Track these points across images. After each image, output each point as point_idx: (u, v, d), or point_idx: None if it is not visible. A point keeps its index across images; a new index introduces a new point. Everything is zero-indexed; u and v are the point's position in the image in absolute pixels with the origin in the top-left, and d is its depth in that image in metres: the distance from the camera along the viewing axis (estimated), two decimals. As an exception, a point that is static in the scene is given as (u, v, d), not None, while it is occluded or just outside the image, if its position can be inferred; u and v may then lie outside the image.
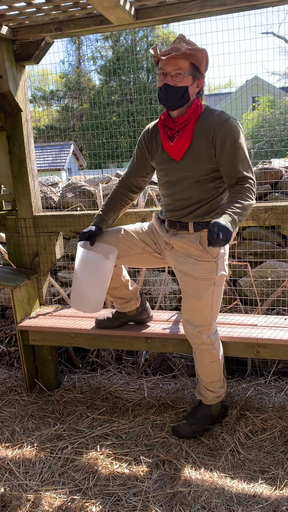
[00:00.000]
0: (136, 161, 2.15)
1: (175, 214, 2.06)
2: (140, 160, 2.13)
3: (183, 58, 1.80)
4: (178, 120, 1.92)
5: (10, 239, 2.78)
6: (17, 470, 2.03)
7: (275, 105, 11.98)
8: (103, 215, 2.19)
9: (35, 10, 2.21)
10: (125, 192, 2.21)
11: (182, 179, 1.98)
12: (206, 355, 2.10)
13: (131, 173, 2.18)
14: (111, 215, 2.21)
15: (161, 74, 1.85)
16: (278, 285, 2.77)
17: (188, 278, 2.04)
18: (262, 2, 2.07)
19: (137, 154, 2.14)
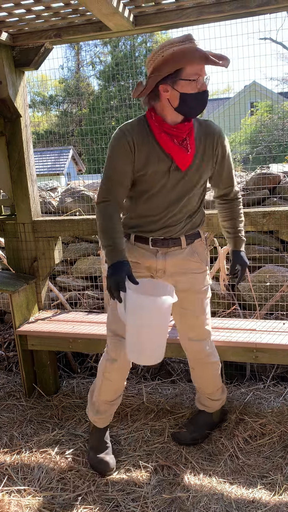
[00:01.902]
0: (121, 174, 1.80)
1: (168, 231, 1.88)
2: (127, 171, 1.80)
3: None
4: (184, 127, 1.76)
5: (9, 244, 2.78)
6: (16, 475, 2.03)
7: (274, 111, 12.03)
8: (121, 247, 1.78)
9: (35, 17, 2.23)
10: (119, 215, 1.85)
11: (183, 190, 1.84)
12: (209, 367, 2.10)
13: (119, 190, 1.82)
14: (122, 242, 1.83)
15: (198, 81, 1.68)
16: (277, 290, 2.77)
17: (187, 294, 1.97)
18: (259, 9, 2.09)
19: (122, 165, 1.78)
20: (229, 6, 2.11)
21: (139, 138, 1.77)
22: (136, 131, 1.78)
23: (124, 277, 1.69)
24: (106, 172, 1.82)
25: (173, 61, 1.64)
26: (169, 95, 1.71)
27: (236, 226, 2.04)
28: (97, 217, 1.83)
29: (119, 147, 1.78)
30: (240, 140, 11.30)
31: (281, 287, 2.75)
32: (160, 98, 1.74)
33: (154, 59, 1.69)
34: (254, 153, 7.97)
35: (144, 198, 1.85)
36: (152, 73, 1.70)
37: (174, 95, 1.69)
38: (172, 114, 1.75)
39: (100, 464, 2.01)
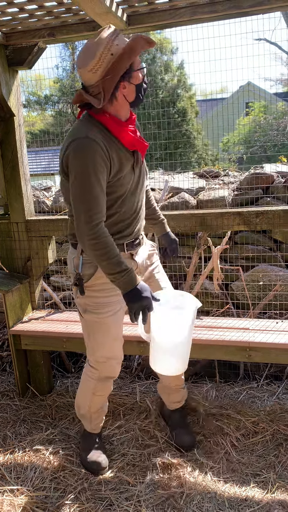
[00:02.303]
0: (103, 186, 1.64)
1: (138, 231, 1.89)
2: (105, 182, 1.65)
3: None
4: (133, 120, 1.75)
5: (2, 243, 2.77)
6: (9, 475, 2.02)
7: (268, 111, 12.07)
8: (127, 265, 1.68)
9: (28, 16, 2.23)
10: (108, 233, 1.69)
11: (142, 185, 1.85)
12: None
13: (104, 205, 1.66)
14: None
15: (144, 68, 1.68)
16: (270, 289, 2.78)
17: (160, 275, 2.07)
18: (252, 10, 2.10)
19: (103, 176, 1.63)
20: (222, 6, 2.11)
21: (106, 141, 1.64)
22: (100, 136, 1.64)
23: (150, 298, 1.65)
24: (87, 190, 1.59)
25: (128, 55, 1.58)
26: (127, 91, 1.65)
27: (157, 211, 2.13)
28: (95, 245, 1.61)
29: (95, 156, 1.58)
30: (235, 140, 11.33)
31: (274, 286, 2.76)
32: (116, 98, 1.65)
33: (102, 61, 1.56)
34: (249, 153, 7.99)
35: (119, 204, 1.75)
36: (105, 76, 1.58)
37: (131, 89, 1.66)
38: (126, 110, 1.72)
39: (93, 464, 2.01)
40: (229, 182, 3.31)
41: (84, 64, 1.59)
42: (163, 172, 4.17)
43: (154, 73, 13.55)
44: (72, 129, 1.68)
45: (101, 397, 2.03)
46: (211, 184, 3.33)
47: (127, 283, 1.64)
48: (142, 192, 1.87)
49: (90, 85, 1.63)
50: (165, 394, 2.21)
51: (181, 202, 3.03)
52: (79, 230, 1.63)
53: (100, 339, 1.90)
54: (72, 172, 1.61)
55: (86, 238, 1.61)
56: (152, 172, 4.31)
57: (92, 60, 1.57)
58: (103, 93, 1.60)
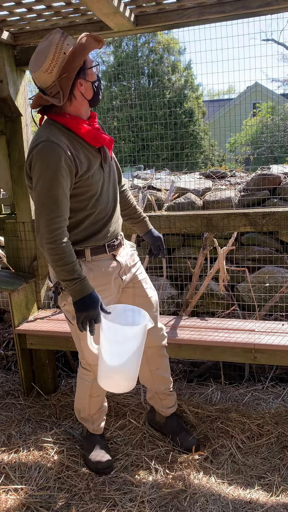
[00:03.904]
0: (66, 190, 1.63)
1: (115, 230, 1.87)
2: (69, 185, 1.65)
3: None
4: (94, 116, 1.79)
5: (9, 242, 2.78)
6: (13, 474, 2.03)
7: (276, 112, 12.02)
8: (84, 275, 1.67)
9: (36, 16, 2.23)
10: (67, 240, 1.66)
11: (114, 183, 1.86)
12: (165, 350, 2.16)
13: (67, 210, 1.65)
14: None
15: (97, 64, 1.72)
16: (276, 290, 2.77)
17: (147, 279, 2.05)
18: (260, 10, 2.09)
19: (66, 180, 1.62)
20: (231, 7, 2.10)
21: (70, 143, 1.65)
22: (64, 138, 1.64)
23: (99, 310, 1.64)
24: (48, 194, 1.58)
25: (80, 52, 1.61)
26: (84, 88, 1.69)
27: (137, 210, 2.12)
28: (52, 250, 1.60)
29: (56, 160, 1.58)
30: (242, 141, 11.29)
31: (280, 288, 2.75)
32: (75, 97, 1.68)
33: (55, 61, 1.59)
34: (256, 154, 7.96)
35: (93, 203, 1.75)
36: (61, 75, 1.61)
37: (88, 87, 1.70)
38: (86, 108, 1.74)
39: (97, 464, 2.01)
40: (235, 183, 3.30)
41: (38, 66, 1.63)
42: (170, 172, 4.17)
43: (161, 73, 13.54)
44: (35, 135, 1.69)
45: (98, 397, 2.04)
46: (218, 184, 3.32)
47: (78, 292, 1.63)
48: (115, 190, 1.87)
49: (47, 86, 1.65)
50: (158, 401, 2.18)
51: (187, 203, 3.03)
52: (38, 233, 1.62)
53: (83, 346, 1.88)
54: (35, 176, 1.61)
55: (45, 242, 1.61)
56: (159, 172, 4.31)
57: (46, 61, 1.60)
58: (61, 92, 1.63)
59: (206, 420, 2.33)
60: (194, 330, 2.38)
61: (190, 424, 2.30)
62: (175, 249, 3.06)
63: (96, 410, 2.07)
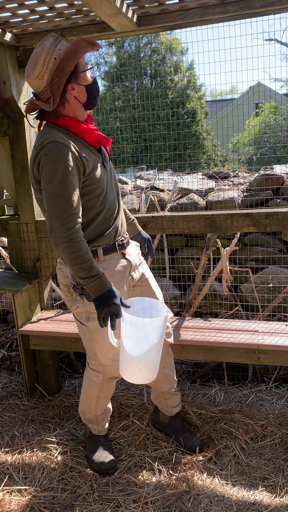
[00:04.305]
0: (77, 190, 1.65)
1: (122, 229, 1.91)
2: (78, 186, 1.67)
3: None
4: (91, 118, 1.81)
5: (12, 243, 2.79)
6: (17, 475, 2.03)
7: (278, 112, 12.00)
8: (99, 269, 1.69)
9: (39, 17, 2.24)
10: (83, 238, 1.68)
11: (115, 182, 1.90)
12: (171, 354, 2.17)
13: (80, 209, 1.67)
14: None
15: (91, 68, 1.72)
16: (280, 291, 2.76)
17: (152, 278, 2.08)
18: (263, 10, 2.09)
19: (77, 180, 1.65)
20: (233, 7, 2.10)
21: (75, 145, 1.68)
22: (67, 138, 1.67)
23: (119, 305, 1.66)
24: (60, 194, 1.60)
25: (71, 57, 1.63)
26: (77, 93, 1.70)
27: (127, 213, 2.12)
28: (69, 249, 1.62)
29: (65, 160, 1.60)
30: (245, 141, 11.28)
31: (284, 288, 2.74)
32: (68, 101, 1.71)
33: (46, 66, 1.62)
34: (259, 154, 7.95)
35: (101, 201, 1.77)
36: (51, 80, 1.63)
37: (81, 90, 1.71)
38: (81, 111, 1.76)
39: (100, 465, 2.01)
40: (238, 183, 3.30)
41: (30, 73, 1.66)
42: (172, 173, 4.16)
43: (163, 73, 13.54)
44: (37, 139, 1.70)
45: (105, 399, 2.05)
46: (221, 185, 3.32)
47: (98, 288, 1.65)
48: (117, 187, 1.92)
49: (40, 92, 1.69)
50: (163, 400, 2.18)
51: (190, 203, 3.02)
52: (53, 233, 1.64)
53: (106, 345, 1.86)
54: (45, 177, 1.63)
55: (60, 241, 1.62)
56: (161, 172, 4.30)
57: (37, 67, 1.63)
58: (52, 97, 1.65)
59: (209, 421, 2.32)
60: (197, 331, 2.38)
61: (194, 425, 2.30)
62: (178, 250, 3.06)
63: (102, 411, 2.07)
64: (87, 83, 1.72)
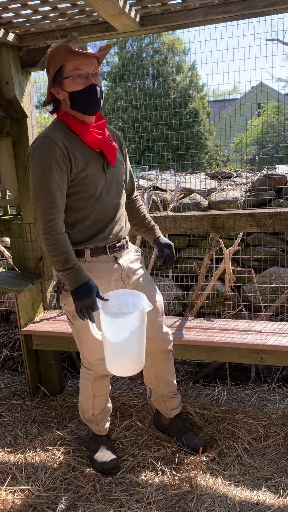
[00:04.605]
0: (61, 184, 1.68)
1: (117, 233, 1.87)
2: (64, 180, 1.69)
3: (95, 58, 1.69)
4: (102, 124, 1.80)
5: (15, 243, 2.79)
6: (19, 475, 2.03)
7: (281, 112, 11.99)
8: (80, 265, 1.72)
9: (41, 18, 2.24)
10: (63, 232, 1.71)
11: (118, 188, 1.86)
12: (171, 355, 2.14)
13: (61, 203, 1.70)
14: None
15: (77, 76, 1.66)
16: (283, 291, 2.76)
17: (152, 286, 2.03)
18: (266, 10, 2.08)
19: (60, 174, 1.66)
20: (236, 7, 2.10)
21: (67, 141, 1.69)
22: (62, 135, 1.69)
23: (95, 298, 1.66)
24: (43, 186, 1.64)
25: (52, 59, 1.67)
26: (62, 97, 1.71)
27: (147, 218, 2.11)
28: (47, 240, 1.66)
29: (50, 155, 1.64)
30: (247, 141, 11.27)
31: (286, 288, 2.73)
32: (60, 102, 1.74)
33: (47, 66, 1.71)
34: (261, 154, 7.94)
35: (93, 203, 1.77)
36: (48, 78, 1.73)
37: (66, 96, 1.71)
38: (77, 114, 1.75)
39: (103, 465, 2.01)
40: (241, 183, 3.29)
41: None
42: (175, 173, 4.16)
43: (165, 74, 13.54)
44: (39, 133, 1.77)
45: (101, 397, 2.04)
46: (223, 185, 3.31)
47: (74, 281, 1.67)
48: (119, 195, 1.88)
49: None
50: (162, 403, 2.17)
51: (193, 203, 3.02)
52: (36, 225, 1.70)
53: (90, 343, 1.89)
54: (31, 171, 1.69)
55: (41, 233, 1.67)
56: (164, 173, 4.30)
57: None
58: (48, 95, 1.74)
59: (212, 421, 2.32)
60: (200, 331, 2.38)
61: (197, 425, 2.29)
62: (181, 250, 3.06)
63: (99, 410, 2.07)
64: (72, 90, 1.68)
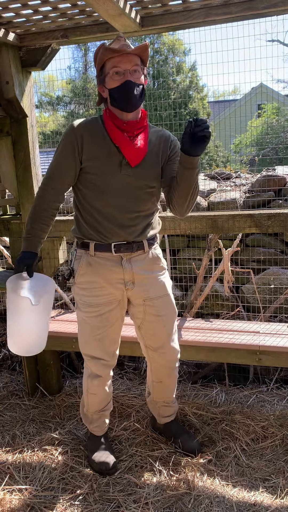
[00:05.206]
0: (65, 163, 1.79)
1: (129, 233, 1.82)
2: (71, 162, 1.79)
3: (136, 54, 1.71)
4: (137, 124, 1.77)
5: (14, 243, 2.79)
6: (17, 474, 2.03)
7: (281, 113, 12.00)
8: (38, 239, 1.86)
9: (42, 18, 2.24)
10: (53, 204, 1.85)
11: (137, 188, 1.80)
12: (176, 372, 2.12)
13: (60, 181, 1.82)
14: (44, 235, 1.88)
15: (115, 74, 1.69)
16: (281, 292, 2.76)
17: (160, 300, 1.94)
18: (267, 11, 2.08)
19: (67, 155, 1.78)
20: (237, 8, 2.10)
21: (90, 130, 1.78)
22: (87, 125, 1.79)
23: (18, 267, 1.83)
24: (51, 162, 1.84)
25: (96, 59, 1.76)
26: (105, 95, 1.77)
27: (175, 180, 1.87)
28: (35, 199, 1.88)
29: (66, 139, 1.79)
30: (247, 142, 11.28)
31: (285, 289, 2.74)
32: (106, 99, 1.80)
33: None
34: (261, 155, 7.95)
35: (100, 196, 1.79)
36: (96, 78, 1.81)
37: (107, 93, 1.76)
38: (116, 110, 1.77)
39: (101, 465, 2.01)
40: (240, 184, 3.30)
41: None
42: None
43: (166, 74, 13.54)
44: None
45: (94, 396, 2.02)
46: (223, 186, 3.32)
47: (24, 244, 1.86)
48: (138, 197, 1.81)
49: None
50: (156, 407, 2.18)
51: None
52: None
53: (84, 337, 1.95)
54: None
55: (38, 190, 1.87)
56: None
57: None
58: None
59: (210, 422, 2.32)
60: (198, 332, 2.38)
61: (194, 427, 2.30)
62: (180, 250, 3.06)
63: (94, 410, 2.06)
64: (110, 87, 1.73)
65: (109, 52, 1.68)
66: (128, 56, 1.69)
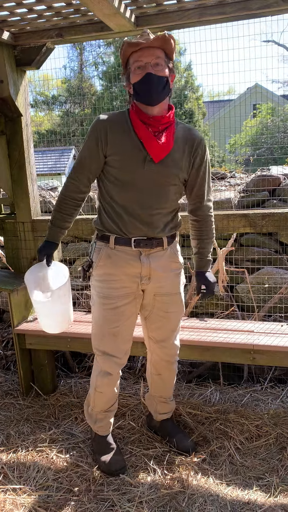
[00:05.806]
0: (90, 158, 1.82)
1: (150, 229, 1.82)
2: (95, 155, 1.81)
3: (158, 47, 1.69)
4: (162, 119, 1.75)
5: (8, 242, 2.78)
6: (11, 474, 2.03)
7: (276, 113, 12.04)
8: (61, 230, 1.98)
9: (37, 16, 2.24)
10: (75, 195, 1.91)
11: (160, 184, 1.79)
12: (175, 366, 2.13)
13: (85, 173, 1.86)
14: (66, 225, 1.97)
15: (137, 68, 1.70)
16: (275, 291, 2.77)
17: (171, 297, 1.95)
18: (262, 11, 2.09)
19: (91, 147, 1.80)
20: (231, 8, 2.11)
21: (115, 124, 1.78)
22: (113, 118, 1.80)
23: (41, 256, 2.01)
24: (79, 154, 1.87)
25: (121, 57, 1.76)
26: (130, 90, 1.77)
27: (201, 247, 2.01)
28: (60, 193, 1.94)
29: (91, 132, 1.81)
30: (242, 142, 11.31)
31: (279, 289, 2.75)
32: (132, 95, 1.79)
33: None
34: (256, 155, 7.97)
35: (122, 190, 1.79)
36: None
37: (131, 88, 1.76)
38: (141, 105, 1.77)
39: (109, 466, 2.00)
40: (235, 184, 3.31)
41: None
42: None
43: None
44: None
45: (101, 395, 2.01)
46: (217, 185, 3.32)
47: (48, 234, 1.99)
48: (161, 194, 1.81)
49: None
50: (153, 403, 2.19)
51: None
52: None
53: (100, 332, 1.94)
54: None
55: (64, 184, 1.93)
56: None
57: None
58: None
59: (205, 421, 2.33)
60: (193, 331, 2.39)
61: (189, 427, 2.30)
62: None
63: (100, 409, 2.05)
64: (134, 81, 1.73)
65: (130, 46, 1.69)
66: (149, 49, 1.68)
